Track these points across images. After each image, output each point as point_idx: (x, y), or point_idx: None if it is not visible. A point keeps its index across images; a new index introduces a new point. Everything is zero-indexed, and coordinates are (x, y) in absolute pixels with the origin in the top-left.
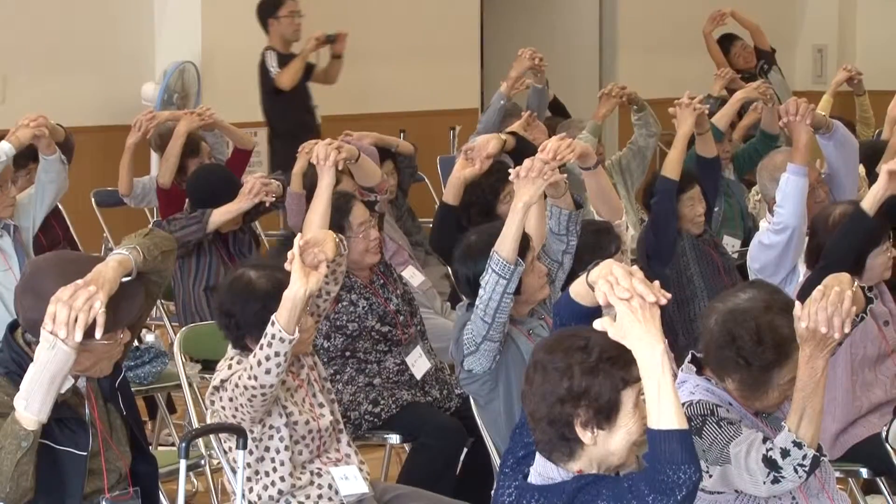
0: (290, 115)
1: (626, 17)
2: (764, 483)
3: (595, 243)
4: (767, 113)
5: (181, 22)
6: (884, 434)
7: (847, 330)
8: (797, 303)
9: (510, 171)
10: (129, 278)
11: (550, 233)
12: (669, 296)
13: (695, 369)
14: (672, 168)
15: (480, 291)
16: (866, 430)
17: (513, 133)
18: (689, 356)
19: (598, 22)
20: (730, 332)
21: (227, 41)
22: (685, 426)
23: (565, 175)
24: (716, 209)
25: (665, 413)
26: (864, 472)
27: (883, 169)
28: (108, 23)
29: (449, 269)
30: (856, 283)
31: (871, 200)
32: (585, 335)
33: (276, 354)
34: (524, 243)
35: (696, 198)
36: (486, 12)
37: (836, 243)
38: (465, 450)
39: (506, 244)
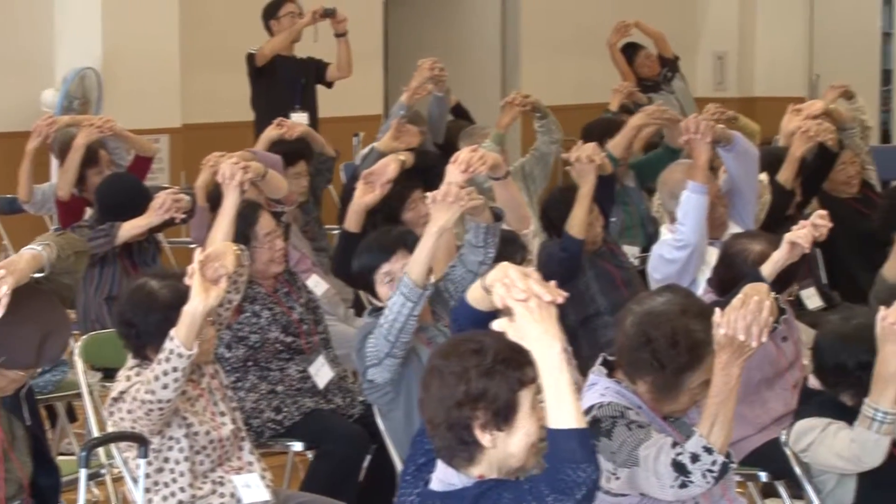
0: (261, 103)
1: (528, 23)
2: (671, 487)
3: (500, 253)
4: (669, 128)
5: (81, 28)
6: (782, 438)
7: (764, 339)
8: (717, 310)
9: (427, 195)
10: (41, 274)
11: (469, 245)
12: (566, 294)
13: (605, 372)
14: (578, 227)
15: (386, 311)
16: (766, 436)
17: (412, 149)
18: (601, 359)
19: (500, 28)
20: (645, 333)
21: (127, 47)
22: (583, 425)
23: (483, 199)
24: (613, 219)
25: (564, 412)
26: (764, 475)
27: (786, 238)
28: (7, 29)
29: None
30: (772, 295)
31: (770, 268)
32: (479, 339)
33: (174, 370)
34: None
35: (594, 219)
36: (390, 18)
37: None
38: (369, 457)
39: (417, 267)
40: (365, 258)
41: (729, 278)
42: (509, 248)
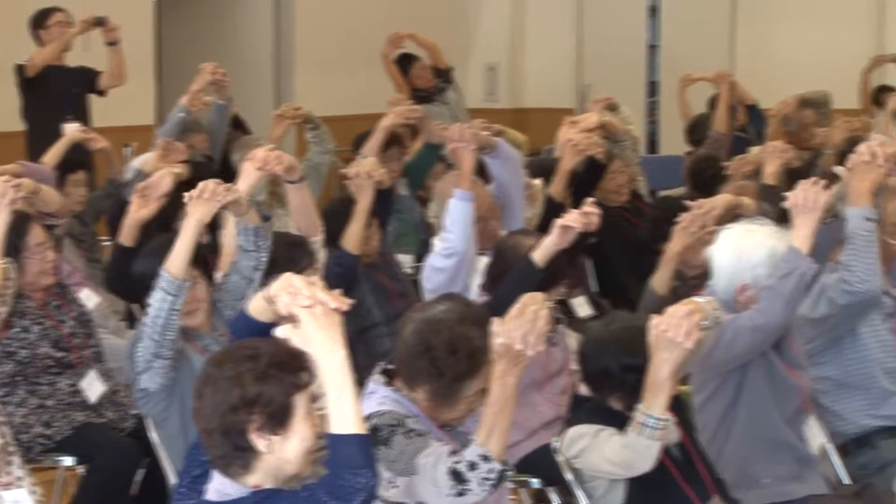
0: (33, 114)
1: (301, 34)
2: (448, 495)
3: (288, 256)
4: (425, 126)
5: None
6: (554, 445)
7: (540, 348)
8: (495, 319)
9: (186, 194)
10: None
11: (242, 250)
12: (350, 301)
13: (384, 380)
14: (354, 243)
15: (149, 309)
16: (536, 441)
17: (186, 160)
18: (379, 368)
19: (273, 39)
20: (425, 341)
21: None
22: (364, 431)
23: (241, 193)
24: (389, 228)
25: (345, 417)
26: (536, 482)
27: (557, 223)
28: None
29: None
30: (547, 304)
31: (542, 253)
32: (254, 345)
33: None
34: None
35: (372, 233)
36: (163, 27)
37: (506, 292)
38: (142, 470)
39: (176, 261)
40: (147, 263)
41: (501, 272)
42: (296, 252)
